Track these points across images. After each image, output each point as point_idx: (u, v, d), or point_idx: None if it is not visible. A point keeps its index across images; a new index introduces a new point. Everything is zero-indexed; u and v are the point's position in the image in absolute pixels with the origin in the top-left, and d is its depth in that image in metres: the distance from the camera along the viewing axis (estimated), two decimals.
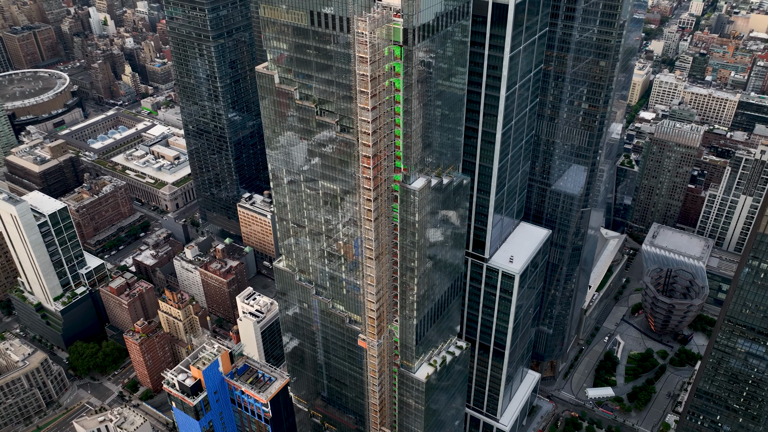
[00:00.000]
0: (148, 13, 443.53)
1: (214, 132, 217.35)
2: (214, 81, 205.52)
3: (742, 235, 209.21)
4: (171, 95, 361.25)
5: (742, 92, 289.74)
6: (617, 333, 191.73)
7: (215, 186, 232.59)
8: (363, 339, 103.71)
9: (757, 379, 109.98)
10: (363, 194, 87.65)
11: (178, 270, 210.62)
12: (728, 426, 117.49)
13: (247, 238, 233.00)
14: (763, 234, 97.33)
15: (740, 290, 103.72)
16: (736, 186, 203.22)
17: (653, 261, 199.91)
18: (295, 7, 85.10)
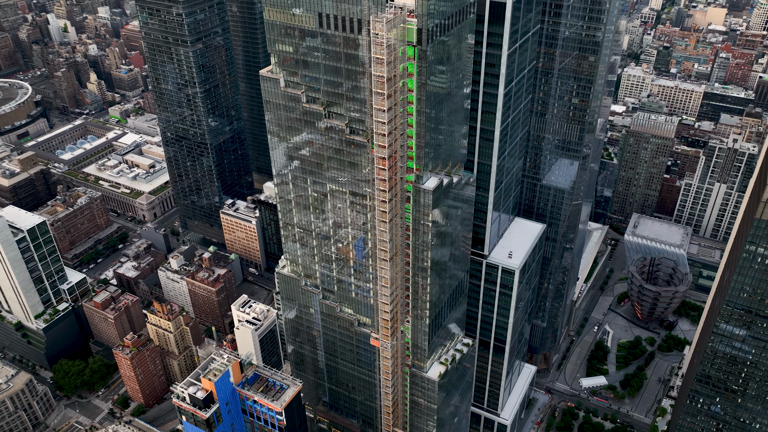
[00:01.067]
0: (110, 19, 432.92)
1: (194, 138, 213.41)
2: (192, 86, 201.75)
3: (718, 221, 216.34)
4: (140, 102, 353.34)
5: (706, 83, 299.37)
6: (606, 322, 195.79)
7: (195, 193, 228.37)
8: (375, 338, 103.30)
9: (755, 360, 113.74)
10: (378, 196, 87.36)
11: (163, 281, 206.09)
12: (728, 407, 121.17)
13: (231, 245, 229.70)
14: (760, 219, 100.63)
15: (738, 275, 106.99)
16: (711, 174, 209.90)
17: (636, 251, 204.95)
18: (303, 9, 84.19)
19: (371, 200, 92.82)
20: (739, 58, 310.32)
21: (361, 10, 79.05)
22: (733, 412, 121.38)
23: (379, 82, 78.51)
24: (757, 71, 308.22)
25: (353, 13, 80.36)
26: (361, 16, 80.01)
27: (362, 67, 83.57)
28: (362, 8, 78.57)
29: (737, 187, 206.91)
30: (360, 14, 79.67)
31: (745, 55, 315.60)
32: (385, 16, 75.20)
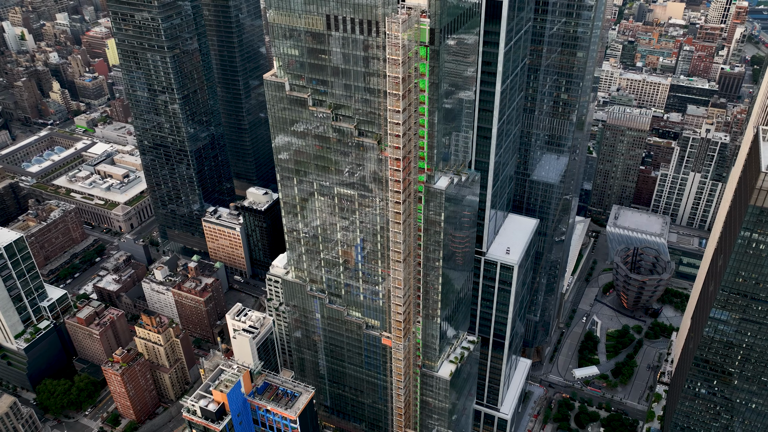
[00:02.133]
0: (69, 26, 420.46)
1: (172, 146, 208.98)
2: (170, 92, 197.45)
3: (694, 209, 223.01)
4: (107, 111, 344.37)
5: (672, 76, 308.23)
6: (593, 313, 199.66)
7: (175, 202, 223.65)
8: (388, 337, 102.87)
9: (750, 342, 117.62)
10: (392, 197, 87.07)
11: (148, 293, 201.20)
12: (725, 389, 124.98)
13: (215, 253, 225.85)
14: (754, 206, 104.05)
15: (733, 260, 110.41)
16: (685, 164, 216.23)
17: (618, 241, 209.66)
18: (310, 12, 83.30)
19: (381, 201, 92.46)
20: (701, 51, 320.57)
21: (374, 12, 78.64)
22: (730, 394, 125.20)
23: (394, 83, 78.26)
24: (718, 63, 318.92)
25: (364, 14, 79.90)
26: (371, 18, 79.60)
27: (373, 68, 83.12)
28: (375, 10, 78.17)
29: (711, 175, 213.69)
30: (371, 16, 79.26)
31: (706, 47, 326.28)
32: (400, 17, 74.98)
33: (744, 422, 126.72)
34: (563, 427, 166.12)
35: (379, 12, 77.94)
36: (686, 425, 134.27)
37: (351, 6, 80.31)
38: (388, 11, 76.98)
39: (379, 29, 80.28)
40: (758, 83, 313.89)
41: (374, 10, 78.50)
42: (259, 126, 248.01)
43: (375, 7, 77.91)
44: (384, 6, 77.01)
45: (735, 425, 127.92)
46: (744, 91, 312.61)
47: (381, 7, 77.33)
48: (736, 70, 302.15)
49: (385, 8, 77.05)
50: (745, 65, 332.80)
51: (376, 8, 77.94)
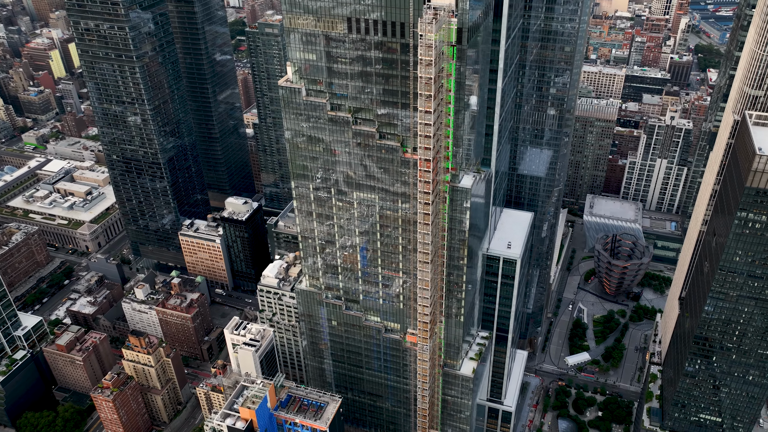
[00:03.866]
0: (6, 38, 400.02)
1: (144, 158, 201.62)
2: (140, 103, 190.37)
3: (662, 194, 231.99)
4: (57, 126, 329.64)
5: (625, 66, 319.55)
6: (578, 301, 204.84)
7: (148, 216, 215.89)
8: (413, 334, 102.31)
9: (747, 317, 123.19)
10: (422, 198, 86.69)
11: (129, 313, 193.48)
12: (723, 364, 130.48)
13: (193, 267, 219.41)
14: (750, 188, 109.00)
15: (731, 240, 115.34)
16: (652, 151, 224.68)
17: (595, 230, 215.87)
18: (331, 14, 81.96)
19: (404, 203, 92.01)
20: (650, 42, 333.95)
21: (401, 13, 78.06)
22: (728, 368, 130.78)
23: (426, 84, 77.87)
24: (666, 53, 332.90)
25: (389, 16, 79.19)
26: (396, 19, 78.99)
27: (397, 69, 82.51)
28: (403, 11, 77.61)
29: (677, 161, 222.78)
30: (397, 17, 78.64)
31: (654, 38, 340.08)
32: (432, 17, 74.67)
33: (741, 394, 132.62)
34: (563, 414, 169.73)
35: (408, 14, 77.37)
36: (687, 402, 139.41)
37: (376, 8, 79.39)
38: (419, 13, 76.55)
39: (405, 31, 79.70)
40: (705, 71, 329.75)
41: (402, 12, 77.89)
42: (229, 134, 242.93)
43: (403, 9, 77.31)
44: (414, 8, 76.50)
45: (733, 398, 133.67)
46: (692, 79, 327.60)
47: (410, 9, 76.79)
48: (684, 59, 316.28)
49: (415, 10, 76.56)
50: (691, 54, 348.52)
51: (404, 10, 77.34)
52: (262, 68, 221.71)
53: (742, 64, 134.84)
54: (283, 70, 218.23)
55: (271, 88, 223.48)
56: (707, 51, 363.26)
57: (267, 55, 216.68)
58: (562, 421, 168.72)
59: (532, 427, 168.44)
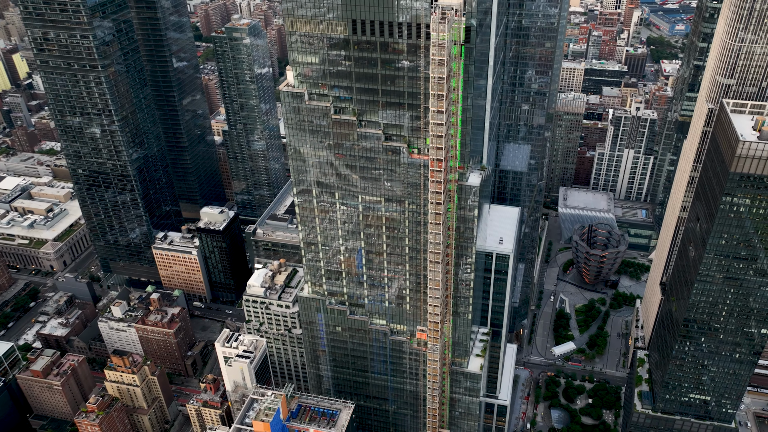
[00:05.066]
0: None
1: (113, 171, 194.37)
2: (107, 114, 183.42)
3: (630, 184, 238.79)
4: (6, 141, 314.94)
5: (584, 60, 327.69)
6: (559, 291, 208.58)
7: (118, 231, 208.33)
8: (422, 330, 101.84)
9: (733, 298, 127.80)
10: (432, 198, 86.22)
11: (106, 332, 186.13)
12: (711, 344, 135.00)
13: (169, 281, 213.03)
14: (734, 173, 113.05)
15: (717, 225, 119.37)
16: (619, 142, 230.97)
17: (570, 221, 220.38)
18: (335, 17, 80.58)
19: (411, 205, 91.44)
20: (605, 36, 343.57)
21: (408, 14, 77.37)
22: (716, 348, 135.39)
23: (438, 84, 77.40)
24: (621, 46, 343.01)
25: (395, 17, 78.37)
26: (403, 20, 78.24)
27: (403, 71, 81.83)
28: (411, 12, 76.94)
29: (643, 150, 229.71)
30: (404, 18, 77.88)
31: (608, 32, 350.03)
32: (445, 18, 74.25)
33: (728, 373, 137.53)
34: (554, 404, 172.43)
35: (417, 14, 76.73)
36: (677, 383, 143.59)
37: (382, 9, 78.45)
38: (427, 12, 76.06)
39: (412, 31, 79.08)
40: (659, 62, 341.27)
41: (410, 13, 77.22)
42: (197, 142, 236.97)
43: (411, 9, 76.66)
44: (423, 8, 75.95)
45: (721, 376, 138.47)
46: (647, 70, 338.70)
47: (419, 10, 76.21)
48: (639, 52, 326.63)
49: (425, 10, 76.04)
50: (644, 46, 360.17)
51: (412, 10, 76.72)
52: (230, 74, 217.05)
53: (713, 54, 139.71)
54: (252, 75, 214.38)
55: (241, 93, 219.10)
56: (659, 43, 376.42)
57: (235, 60, 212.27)
58: (554, 410, 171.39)
59: (526, 419, 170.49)
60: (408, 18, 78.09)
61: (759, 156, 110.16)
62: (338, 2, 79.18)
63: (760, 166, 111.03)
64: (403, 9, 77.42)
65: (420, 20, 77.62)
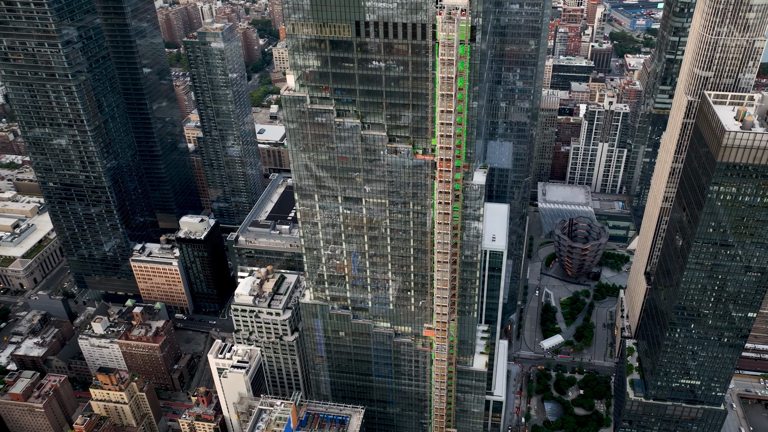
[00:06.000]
0: None
1: (87, 183, 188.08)
2: (79, 124, 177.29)
3: (605, 177, 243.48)
4: None
5: (552, 56, 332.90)
6: (543, 286, 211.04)
7: (94, 245, 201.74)
8: (429, 328, 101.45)
9: (721, 284, 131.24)
10: (440, 198, 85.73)
11: (87, 350, 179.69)
12: (700, 329, 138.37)
13: (148, 293, 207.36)
14: (721, 162, 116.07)
15: (705, 213, 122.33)
16: (594, 136, 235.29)
17: (550, 215, 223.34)
18: (339, 19, 79.36)
19: (416, 206, 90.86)
20: (571, 32, 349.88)
21: (413, 15, 76.71)
22: (705, 333, 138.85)
23: (447, 84, 76.91)
24: (587, 42, 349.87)
25: (400, 18, 77.58)
26: (408, 20, 77.57)
27: (408, 71, 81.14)
28: (417, 13, 76.30)
29: (617, 143, 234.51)
30: (409, 18, 77.19)
31: (573, 28, 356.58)
32: (453, 17, 73.79)
33: (718, 356, 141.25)
34: (547, 397, 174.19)
35: (422, 15, 76.13)
36: (668, 370, 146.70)
37: (388, 10, 77.54)
38: (433, 13, 75.55)
39: (417, 32, 78.49)
40: (623, 57, 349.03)
41: (415, 13, 76.57)
42: (171, 151, 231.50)
43: (418, 10, 76.04)
44: (428, 8, 75.41)
45: (710, 360, 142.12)
46: (612, 65, 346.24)
47: (424, 10, 75.66)
48: (604, 47, 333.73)
49: (430, 10, 75.51)
50: (609, 41, 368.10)
51: (418, 11, 76.11)
52: (203, 79, 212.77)
53: (690, 47, 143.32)
54: (227, 80, 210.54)
55: (215, 99, 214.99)
56: (621, 38, 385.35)
57: (209, 65, 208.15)
58: (547, 403, 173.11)
59: (520, 414, 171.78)
60: (406, 19, 77.42)
61: (744, 145, 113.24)
62: (341, 4, 77.97)
63: (745, 155, 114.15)
64: (404, 11, 76.71)
65: (426, 21, 76.96)
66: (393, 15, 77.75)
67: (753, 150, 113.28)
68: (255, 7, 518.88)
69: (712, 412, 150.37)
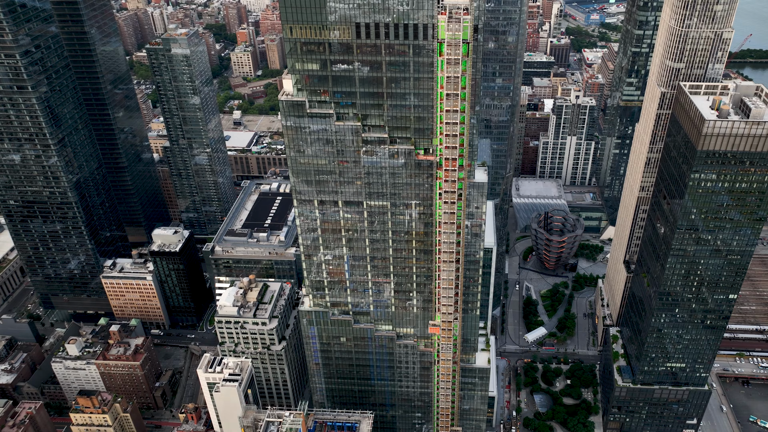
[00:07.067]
0: None
1: (51, 199, 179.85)
2: (42, 138, 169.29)
3: (574, 169, 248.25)
4: None
5: None
6: (523, 280, 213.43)
7: (60, 263, 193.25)
8: (434, 325, 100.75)
9: (703, 268, 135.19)
10: (447, 198, 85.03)
11: (61, 373, 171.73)
12: (685, 314, 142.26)
13: (121, 311, 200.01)
14: (701, 150, 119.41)
15: (686, 200, 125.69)
16: (562, 130, 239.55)
17: (525, 210, 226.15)
18: (339, 21, 77.70)
19: (418, 206, 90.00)
20: (529, 28, 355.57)
21: (413, 15, 75.74)
22: (689, 317, 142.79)
23: (453, 83, 76.15)
24: (545, 37, 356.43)
25: (401, 18, 76.44)
26: (408, 21, 76.58)
27: (409, 72, 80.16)
28: (417, 13, 75.36)
29: (585, 136, 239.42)
30: (409, 18, 76.18)
31: (531, 24, 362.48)
32: (455, 17, 73.10)
33: (701, 339, 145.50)
34: (536, 389, 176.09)
35: (422, 15, 75.24)
36: (655, 354, 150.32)
37: (389, 11, 76.29)
38: (434, 13, 74.77)
39: (419, 32, 77.57)
40: (581, 51, 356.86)
41: (416, 13, 75.61)
42: (137, 162, 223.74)
43: (419, 10, 75.11)
44: (429, 9, 74.60)
45: (695, 343, 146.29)
46: (571, 59, 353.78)
47: (428, 11, 74.81)
48: (562, 42, 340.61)
49: (430, 11, 74.72)
50: (566, 37, 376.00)
51: (419, 11, 75.22)
52: (169, 87, 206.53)
53: (660, 40, 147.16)
54: (194, 87, 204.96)
55: (182, 107, 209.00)
56: (577, 33, 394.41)
57: (174, 72, 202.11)
58: (536, 395, 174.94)
59: (511, 408, 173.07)
60: (407, 19, 76.41)
61: (723, 133, 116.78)
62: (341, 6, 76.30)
63: (724, 142, 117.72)
64: (405, 11, 75.69)
65: (427, 21, 76.09)
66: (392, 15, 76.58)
67: (731, 137, 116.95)
68: (208, 11, 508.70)
69: (697, 393, 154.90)
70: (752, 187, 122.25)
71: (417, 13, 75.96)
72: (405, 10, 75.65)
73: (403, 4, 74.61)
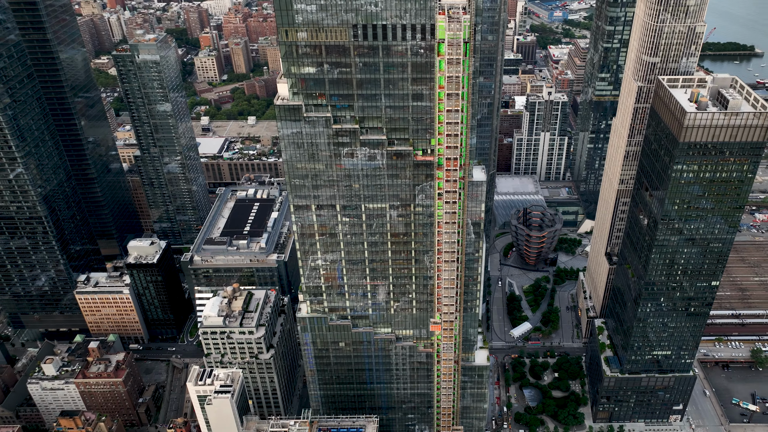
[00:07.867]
0: None
1: (20, 214, 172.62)
2: (8, 151, 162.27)
3: (548, 165, 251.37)
4: None
5: None
6: (505, 276, 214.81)
7: (30, 281, 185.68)
8: (436, 323, 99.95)
9: (686, 258, 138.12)
10: (448, 198, 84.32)
11: (38, 395, 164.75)
12: (670, 302, 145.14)
13: (97, 326, 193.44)
14: (683, 142, 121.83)
15: (669, 191, 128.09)
16: (536, 126, 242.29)
17: (503, 207, 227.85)
18: (335, 24, 76.12)
19: (418, 207, 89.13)
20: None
21: (413, 15, 74.74)
22: (674, 305, 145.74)
23: (454, 83, 75.38)
24: (511, 35, 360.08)
25: (399, 19, 75.33)
26: (408, 21, 75.60)
27: (402, 73, 79.21)
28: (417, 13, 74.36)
29: (558, 132, 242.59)
30: (409, 19, 75.17)
31: None
32: (455, 17, 72.36)
33: (686, 326, 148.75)
34: (525, 384, 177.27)
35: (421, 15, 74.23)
36: (641, 343, 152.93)
37: (384, 12, 75.10)
38: (433, 12, 73.91)
39: (416, 33, 76.64)
40: (546, 48, 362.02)
41: (415, 14, 74.59)
42: (106, 172, 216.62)
43: (420, 10, 74.08)
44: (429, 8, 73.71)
45: (680, 330, 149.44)
46: (537, 56, 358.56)
47: (429, 11, 73.85)
48: (528, 39, 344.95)
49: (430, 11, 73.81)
50: (532, 34, 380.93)
51: (421, 11, 74.22)
52: (138, 94, 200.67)
53: (635, 35, 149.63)
54: (165, 95, 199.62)
55: (152, 114, 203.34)
56: (541, 30, 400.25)
57: (144, 79, 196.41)
58: (526, 390, 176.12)
59: (501, 403, 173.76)
60: (406, 20, 75.43)
61: (704, 125, 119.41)
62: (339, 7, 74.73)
63: (705, 133, 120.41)
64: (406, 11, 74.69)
65: (426, 21, 75.18)
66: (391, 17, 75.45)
67: (711, 129, 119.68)
68: (167, 15, 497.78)
69: (682, 379, 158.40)
70: (731, 176, 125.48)
71: (416, 15, 75.02)
72: (405, 11, 74.50)
73: (400, 8, 73.52)
